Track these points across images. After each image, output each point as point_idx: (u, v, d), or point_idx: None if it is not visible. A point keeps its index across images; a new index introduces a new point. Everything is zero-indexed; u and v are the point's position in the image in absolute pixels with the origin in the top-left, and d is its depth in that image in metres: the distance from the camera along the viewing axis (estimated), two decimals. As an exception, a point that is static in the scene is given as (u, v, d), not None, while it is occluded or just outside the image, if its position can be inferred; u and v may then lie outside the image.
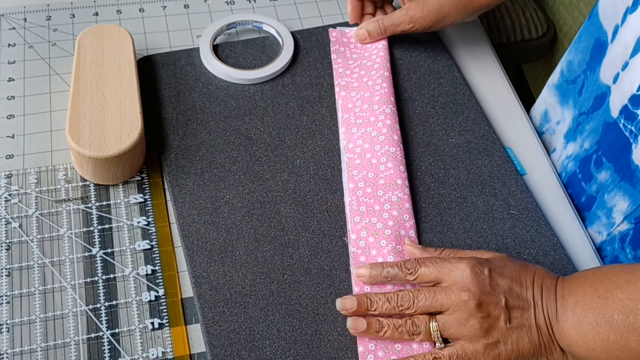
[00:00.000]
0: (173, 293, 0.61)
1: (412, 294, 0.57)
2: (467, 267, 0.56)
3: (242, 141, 0.70)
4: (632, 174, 0.64)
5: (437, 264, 0.58)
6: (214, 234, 0.63)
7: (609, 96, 0.67)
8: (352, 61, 0.78)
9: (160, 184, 0.67)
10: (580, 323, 0.53)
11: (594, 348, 0.52)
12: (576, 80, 0.73)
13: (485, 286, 0.55)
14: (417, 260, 0.59)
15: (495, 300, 0.55)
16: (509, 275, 0.56)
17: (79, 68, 0.69)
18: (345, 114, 0.72)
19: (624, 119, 0.64)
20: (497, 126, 0.77)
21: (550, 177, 0.74)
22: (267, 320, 0.59)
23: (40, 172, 0.67)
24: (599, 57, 0.69)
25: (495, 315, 0.55)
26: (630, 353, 0.51)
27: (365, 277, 0.60)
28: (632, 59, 0.63)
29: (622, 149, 0.65)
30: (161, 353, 0.57)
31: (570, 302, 0.54)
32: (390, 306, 0.57)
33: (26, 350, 0.56)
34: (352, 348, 0.58)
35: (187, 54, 0.77)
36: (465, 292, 0.55)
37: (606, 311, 0.52)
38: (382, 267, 0.59)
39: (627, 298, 0.51)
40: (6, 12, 0.80)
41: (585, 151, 0.71)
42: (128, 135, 0.64)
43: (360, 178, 0.67)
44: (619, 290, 0.51)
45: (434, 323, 0.56)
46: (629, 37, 0.63)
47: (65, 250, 0.62)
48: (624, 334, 0.51)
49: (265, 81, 0.76)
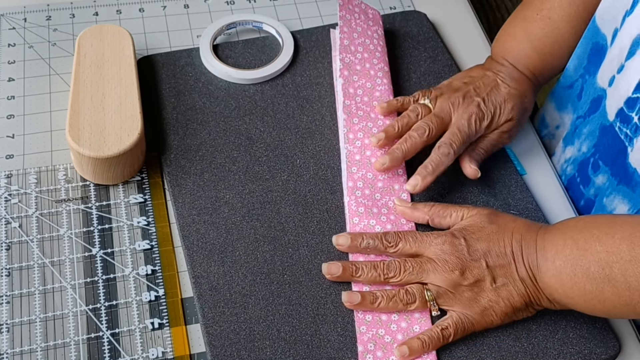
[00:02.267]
0: (173, 293, 0.61)
1: (399, 262, 0.60)
2: (445, 241, 0.59)
3: (242, 141, 0.70)
4: (630, 178, 0.64)
5: (417, 239, 0.60)
6: (214, 234, 0.63)
7: (605, 99, 0.67)
8: (357, 35, 0.77)
9: (160, 184, 0.67)
10: (560, 273, 0.55)
11: (571, 297, 0.55)
12: (573, 85, 0.73)
13: (464, 254, 0.59)
14: (397, 234, 0.61)
15: (477, 265, 0.58)
16: (486, 238, 0.59)
17: (79, 68, 0.69)
18: (347, 99, 0.72)
19: (620, 122, 0.65)
20: (497, 126, 0.77)
21: (550, 177, 0.74)
22: (267, 320, 0.59)
23: (40, 172, 0.67)
24: (597, 61, 0.69)
25: (480, 279, 0.58)
26: (605, 303, 0.53)
27: (344, 246, 0.62)
28: (628, 61, 0.63)
29: (618, 153, 0.65)
30: (161, 353, 0.57)
31: (551, 253, 0.56)
32: (376, 273, 0.60)
33: (26, 350, 0.56)
34: (352, 348, 0.58)
35: (187, 54, 0.77)
36: (447, 263, 0.58)
37: (584, 262, 0.54)
38: (362, 237, 0.61)
39: (604, 251, 0.53)
40: (6, 12, 0.80)
41: (583, 154, 0.71)
42: (128, 135, 0.64)
43: (359, 177, 0.67)
44: (597, 243, 0.53)
45: (428, 292, 0.59)
46: (626, 39, 0.63)
47: (65, 250, 0.62)
48: (599, 284, 0.53)
49: (265, 81, 0.76)
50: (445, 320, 0.58)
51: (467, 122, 0.68)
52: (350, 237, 0.62)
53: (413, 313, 0.59)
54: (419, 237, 0.61)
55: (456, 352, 0.59)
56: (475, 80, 0.71)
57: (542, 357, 0.59)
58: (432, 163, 0.66)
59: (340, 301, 0.60)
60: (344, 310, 0.60)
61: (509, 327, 0.60)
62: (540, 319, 0.61)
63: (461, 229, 0.61)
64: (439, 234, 0.60)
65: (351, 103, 0.72)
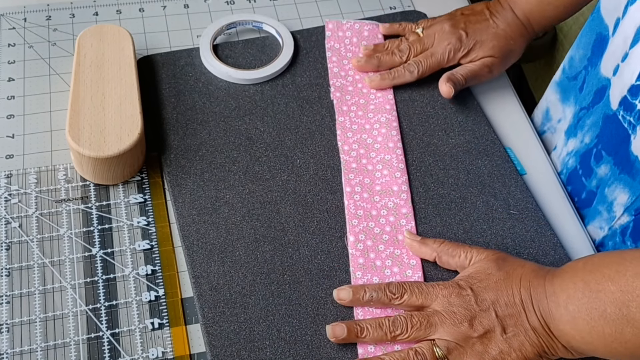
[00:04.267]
0: (173, 293, 0.61)
1: (405, 318, 0.57)
2: (452, 292, 0.57)
3: (242, 141, 0.70)
4: (631, 165, 0.64)
5: (422, 290, 0.58)
6: (214, 234, 0.63)
7: (609, 89, 0.67)
8: (347, 61, 0.78)
9: (160, 184, 0.67)
10: (575, 319, 0.53)
11: (590, 342, 0.52)
12: (577, 76, 0.74)
13: (472, 305, 0.56)
14: (401, 285, 0.59)
15: (486, 315, 0.56)
16: (494, 287, 0.57)
17: (79, 68, 0.69)
18: (340, 116, 0.73)
19: (623, 110, 0.64)
20: (497, 126, 0.77)
21: (550, 177, 0.74)
22: (267, 321, 0.59)
23: (40, 172, 0.67)
24: (599, 52, 0.69)
25: (490, 329, 0.55)
26: (627, 345, 0.51)
27: (346, 300, 0.59)
28: (632, 49, 0.63)
29: (621, 141, 0.65)
30: (161, 353, 0.57)
31: (562, 299, 0.54)
32: (382, 332, 0.57)
33: (26, 350, 0.56)
34: (352, 348, 0.58)
35: (187, 54, 0.77)
36: (456, 315, 0.56)
37: (599, 305, 0.51)
38: (365, 290, 0.59)
39: (618, 290, 0.50)
40: (6, 12, 0.80)
41: (586, 146, 0.71)
42: (128, 135, 0.64)
43: (357, 183, 0.67)
44: (610, 283, 0.51)
45: (437, 349, 0.56)
46: (629, 28, 0.63)
47: (65, 250, 0.62)
48: (619, 326, 0.50)
49: (265, 81, 0.76)
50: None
51: (442, 49, 0.75)
52: (352, 290, 0.59)
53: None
54: (424, 289, 0.58)
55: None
56: (471, 15, 0.77)
57: (542, 357, 0.59)
58: (395, 72, 0.75)
59: (340, 301, 0.60)
60: (344, 310, 0.60)
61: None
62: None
63: (467, 277, 0.58)
64: (445, 285, 0.58)
65: (345, 119, 0.72)
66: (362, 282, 0.61)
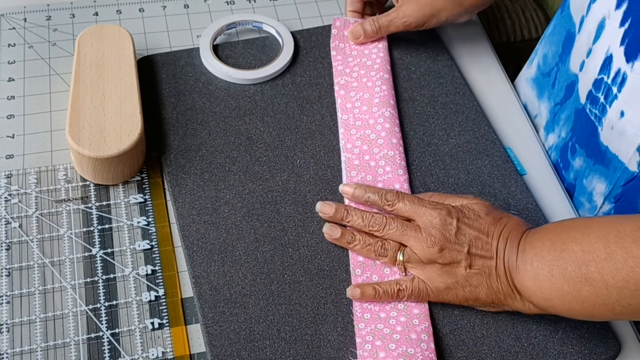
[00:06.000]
0: (173, 293, 0.61)
1: (385, 220, 0.61)
2: (439, 215, 0.60)
3: (242, 141, 0.70)
4: (603, 156, 0.66)
5: (414, 204, 0.61)
6: (214, 234, 0.63)
7: (577, 84, 0.70)
8: (352, 59, 0.77)
9: (160, 184, 0.67)
10: (537, 275, 0.55)
11: (550, 298, 0.55)
12: (550, 72, 0.76)
13: (451, 236, 0.59)
14: (397, 194, 0.62)
15: (458, 248, 0.59)
16: (478, 227, 0.59)
17: (79, 68, 0.69)
18: (344, 114, 0.72)
19: (590, 104, 0.67)
20: (497, 126, 0.77)
21: (550, 177, 0.74)
22: (267, 320, 0.59)
23: (40, 172, 0.67)
24: (569, 49, 0.72)
25: (456, 261, 0.59)
26: (583, 303, 0.53)
27: (349, 194, 0.64)
28: (594, 45, 0.66)
29: (590, 133, 0.67)
30: (161, 353, 0.57)
31: (530, 256, 0.56)
32: (363, 224, 0.62)
33: (26, 350, 0.56)
34: (352, 348, 0.58)
35: (187, 54, 0.77)
36: (431, 237, 0.59)
37: (561, 263, 0.54)
38: (365, 190, 0.64)
39: (580, 250, 0.53)
40: (6, 12, 0.80)
41: (563, 140, 0.74)
42: (128, 135, 0.64)
43: (359, 180, 0.67)
44: (574, 244, 0.53)
45: (400, 254, 0.61)
46: (592, 24, 0.67)
47: (65, 250, 0.62)
48: (577, 285, 0.53)
49: (265, 81, 0.76)
50: (405, 282, 0.60)
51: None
52: (355, 186, 0.64)
53: (412, 309, 0.59)
54: (416, 203, 0.61)
55: (456, 352, 0.59)
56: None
57: (542, 357, 0.59)
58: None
59: (340, 301, 0.60)
60: (344, 310, 0.60)
61: (509, 327, 0.60)
62: (540, 319, 0.61)
63: (460, 208, 0.61)
64: (436, 206, 0.61)
65: (348, 117, 0.72)
66: (362, 280, 0.61)
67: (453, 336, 0.60)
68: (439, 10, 0.75)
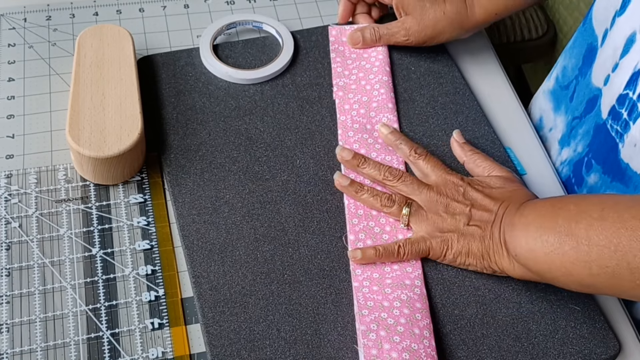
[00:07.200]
0: (173, 293, 0.61)
1: (401, 174, 0.65)
2: (452, 178, 0.64)
3: (242, 141, 0.70)
4: (622, 173, 0.65)
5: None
6: (214, 234, 0.63)
7: (600, 98, 0.68)
8: (351, 61, 0.78)
9: (160, 184, 0.67)
10: (529, 224, 0.57)
11: (533, 249, 0.56)
12: (569, 85, 0.74)
13: (458, 195, 0.62)
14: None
15: (462, 206, 0.62)
16: (487, 193, 0.62)
17: (79, 68, 0.69)
18: (342, 115, 0.73)
19: (612, 120, 0.66)
20: (497, 126, 0.77)
21: (550, 177, 0.74)
22: (267, 320, 0.59)
23: (40, 172, 0.67)
24: (590, 62, 0.70)
25: (458, 213, 0.61)
26: (563, 257, 0.54)
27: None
28: (622, 60, 0.64)
29: (610, 150, 0.66)
30: (161, 353, 0.57)
31: (527, 211, 0.58)
32: (377, 172, 0.65)
33: (26, 350, 0.56)
34: (352, 348, 0.58)
35: (187, 54, 0.77)
36: (440, 194, 0.63)
37: (553, 217, 0.55)
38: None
39: (575, 209, 0.54)
40: (6, 12, 0.80)
41: (578, 155, 0.72)
42: (128, 135, 0.64)
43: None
44: (572, 205, 0.55)
45: (406, 208, 0.63)
46: (619, 39, 0.65)
47: (65, 250, 0.62)
48: (562, 237, 0.54)
49: (265, 81, 0.76)
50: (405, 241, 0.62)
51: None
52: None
53: (415, 302, 0.59)
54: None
55: (456, 352, 0.59)
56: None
57: (542, 357, 0.59)
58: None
59: (340, 301, 0.60)
60: (344, 310, 0.60)
61: (509, 327, 0.60)
62: (540, 319, 0.61)
63: (472, 179, 0.64)
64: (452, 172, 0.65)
65: (346, 118, 0.72)
66: (362, 279, 0.61)
67: (453, 336, 0.60)
68: (440, 32, 0.76)
